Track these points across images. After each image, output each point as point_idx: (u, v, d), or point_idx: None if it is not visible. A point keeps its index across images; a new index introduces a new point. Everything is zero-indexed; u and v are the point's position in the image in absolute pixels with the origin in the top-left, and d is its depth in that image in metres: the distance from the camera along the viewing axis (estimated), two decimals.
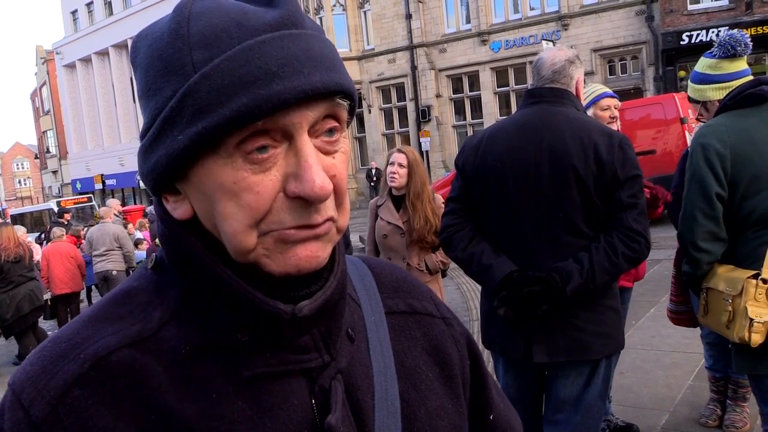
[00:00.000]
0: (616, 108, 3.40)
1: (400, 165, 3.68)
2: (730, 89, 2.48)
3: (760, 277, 2.25)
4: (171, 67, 0.58)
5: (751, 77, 2.53)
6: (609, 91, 3.45)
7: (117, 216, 10.38)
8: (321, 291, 0.65)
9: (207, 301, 0.63)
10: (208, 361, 0.62)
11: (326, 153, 0.62)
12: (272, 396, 0.63)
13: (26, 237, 8.58)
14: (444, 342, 0.80)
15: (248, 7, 0.61)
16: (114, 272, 8.51)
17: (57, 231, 9.00)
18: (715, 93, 2.59)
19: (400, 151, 3.75)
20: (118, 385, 0.58)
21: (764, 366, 2.33)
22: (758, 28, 16.81)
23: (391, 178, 3.68)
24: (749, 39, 2.58)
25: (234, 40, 0.57)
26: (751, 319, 2.22)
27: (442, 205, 3.09)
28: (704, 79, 2.64)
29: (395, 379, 0.72)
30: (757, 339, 2.23)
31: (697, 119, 2.81)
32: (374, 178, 21.76)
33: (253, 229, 0.59)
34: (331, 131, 0.62)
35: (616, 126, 3.33)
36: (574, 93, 2.38)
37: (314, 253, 0.61)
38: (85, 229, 11.43)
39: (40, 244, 12.39)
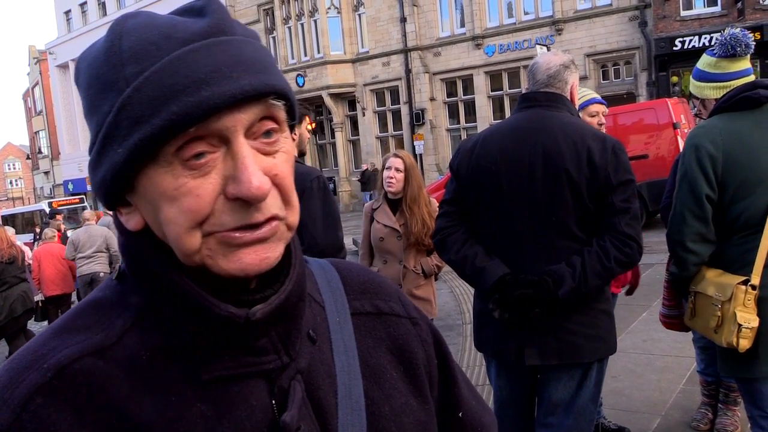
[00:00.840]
0: (603, 114, 3.42)
1: (397, 170, 3.72)
2: (729, 89, 2.47)
3: (749, 284, 2.27)
4: (107, 84, 0.61)
5: (752, 77, 2.49)
6: (598, 96, 3.47)
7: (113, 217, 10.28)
8: (275, 295, 0.67)
9: (165, 308, 0.65)
10: (169, 365, 0.64)
11: (266, 154, 0.63)
12: (231, 397, 0.65)
13: (15, 238, 8.53)
14: (409, 341, 0.82)
15: (178, 19, 0.63)
16: (101, 274, 8.40)
17: (48, 232, 8.96)
18: (713, 92, 2.56)
19: (396, 156, 3.78)
20: (79, 392, 0.60)
21: (748, 369, 2.36)
22: (750, 35, 16.92)
23: (389, 183, 3.70)
24: (752, 39, 2.52)
25: (163, 52, 0.59)
26: (740, 325, 2.24)
27: (438, 209, 3.12)
28: (703, 77, 2.61)
29: (359, 378, 0.74)
30: (744, 344, 2.26)
31: (696, 116, 2.80)
32: (366, 180, 21.73)
33: (196, 230, 0.61)
34: (269, 132, 0.64)
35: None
36: (569, 98, 2.39)
37: (261, 256, 0.63)
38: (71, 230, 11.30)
39: (30, 246, 12.29)
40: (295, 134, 3.22)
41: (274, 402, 0.67)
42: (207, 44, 0.60)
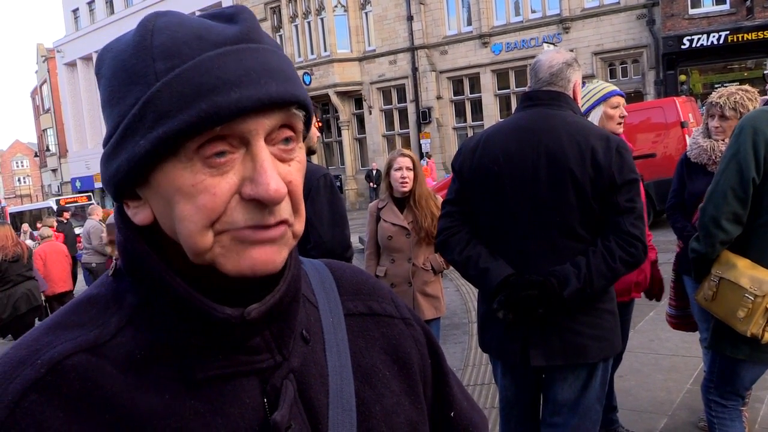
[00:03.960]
0: (624, 107, 3.22)
1: (408, 168, 3.74)
2: None
3: None
4: (134, 76, 0.61)
5: None
6: (617, 89, 3.28)
7: None
8: (270, 294, 0.68)
9: (160, 307, 0.66)
10: (163, 363, 0.65)
11: (282, 160, 0.65)
12: (224, 395, 0.66)
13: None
14: (403, 342, 0.84)
15: (210, 23, 0.64)
16: (93, 264, 9.12)
17: (45, 231, 9.23)
18: None
19: (403, 155, 3.81)
20: (73, 388, 0.61)
21: (734, 350, 2.49)
22: (759, 33, 16.81)
23: (403, 183, 3.73)
24: None
25: (195, 52, 0.61)
26: None
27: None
28: None
29: (351, 378, 0.76)
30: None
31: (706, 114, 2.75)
32: (375, 180, 21.72)
33: (209, 229, 0.62)
34: (287, 140, 0.65)
35: (621, 128, 3.19)
36: (572, 96, 2.37)
37: (270, 257, 0.64)
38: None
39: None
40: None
41: (266, 400, 0.68)
42: (238, 49, 0.62)
